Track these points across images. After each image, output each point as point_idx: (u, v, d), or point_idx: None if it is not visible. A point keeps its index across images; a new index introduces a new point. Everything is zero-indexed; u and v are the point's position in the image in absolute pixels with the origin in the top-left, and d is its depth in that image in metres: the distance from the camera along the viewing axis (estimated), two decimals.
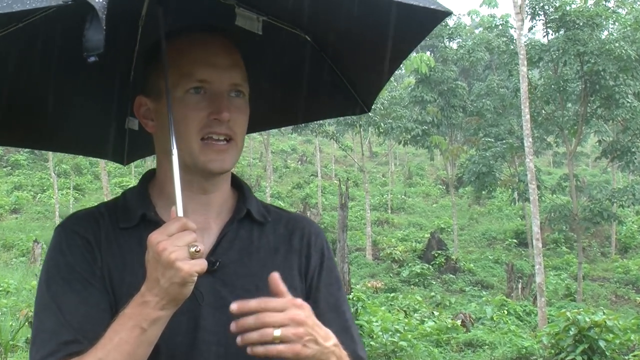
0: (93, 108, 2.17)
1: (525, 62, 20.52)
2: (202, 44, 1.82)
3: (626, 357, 12.43)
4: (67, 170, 49.76)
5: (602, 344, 12.11)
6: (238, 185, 1.99)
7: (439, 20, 1.85)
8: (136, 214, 1.84)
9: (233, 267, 1.83)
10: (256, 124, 2.06)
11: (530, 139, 20.10)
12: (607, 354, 12.15)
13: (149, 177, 1.95)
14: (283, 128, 71.92)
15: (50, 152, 43.15)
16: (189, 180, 1.80)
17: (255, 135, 64.24)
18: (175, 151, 1.69)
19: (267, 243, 1.91)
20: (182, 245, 1.55)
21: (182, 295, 1.59)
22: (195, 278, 1.57)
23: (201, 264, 1.57)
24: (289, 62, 2.15)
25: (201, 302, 1.76)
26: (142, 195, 1.89)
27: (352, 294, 15.56)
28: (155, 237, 1.57)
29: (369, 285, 29.04)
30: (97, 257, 1.78)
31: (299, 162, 63.57)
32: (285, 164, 62.75)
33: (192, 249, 1.55)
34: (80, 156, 48.31)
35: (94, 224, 1.83)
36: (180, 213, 1.62)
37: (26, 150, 52.80)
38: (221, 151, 1.80)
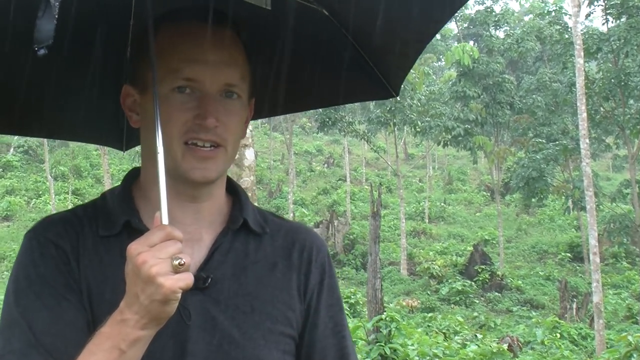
0: (88, 90, 2.12)
1: (582, 53, 20.44)
2: (194, 35, 1.76)
3: None
4: (65, 173, 49.79)
5: None
6: (233, 190, 1.95)
7: None
8: (118, 220, 1.80)
9: (226, 284, 1.80)
10: (273, 108, 2.04)
11: (587, 140, 20.01)
12: None
13: (132, 178, 1.91)
14: (307, 127, 72.03)
15: (47, 153, 43.57)
16: (175, 187, 1.76)
17: (276, 134, 64.40)
18: (161, 150, 1.65)
19: (265, 257, 1.88)
20: (164, 258, 1.51)
21: (164, 313, 1.55)
22: (179, 295, 1.53)
23: (186, 279, 1.52)
24: (307, 40, 2.09)
25: (187, 321, 1.72)
26: (125, 198, 1.85)
27: (384, 313, 15.51)
28: (135, 248, 1.53)
29: (404, 303, 29.03)
30: (74, 269, 1.74)
31: (326, 165, 63.60)
32: (310, 167, 62.79)
33: (176, 262, 1.51)
34: (80, 157, 48.73)
35: (71, 231, 1.78)
36: (165, 220, 1.58)
37: (20, 150, 53.25)
38: (206, 158, 1.75)
